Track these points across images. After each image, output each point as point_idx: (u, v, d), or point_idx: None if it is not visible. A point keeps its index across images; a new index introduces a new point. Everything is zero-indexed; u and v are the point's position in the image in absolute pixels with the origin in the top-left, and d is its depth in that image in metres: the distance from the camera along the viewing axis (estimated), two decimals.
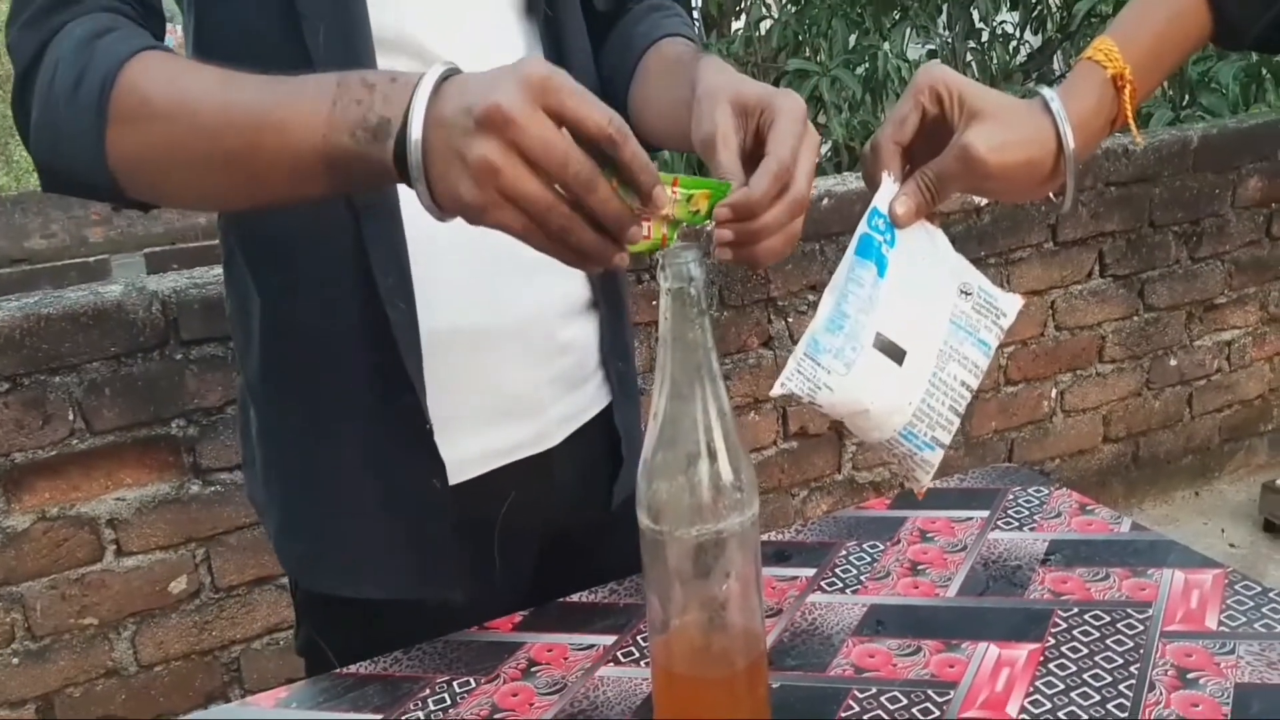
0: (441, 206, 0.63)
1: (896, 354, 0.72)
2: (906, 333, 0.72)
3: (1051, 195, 0.78)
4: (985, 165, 0.72)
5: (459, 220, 0.67)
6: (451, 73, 0.64)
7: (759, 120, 0.72)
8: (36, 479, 1.76)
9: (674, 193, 0.66)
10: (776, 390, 0.70)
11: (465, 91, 0.61)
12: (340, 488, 0.90)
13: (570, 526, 1.00)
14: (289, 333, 0.87)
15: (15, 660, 1.80)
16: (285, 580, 1.93)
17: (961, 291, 0.75)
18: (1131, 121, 0.75)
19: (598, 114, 0.60)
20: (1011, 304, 0.77)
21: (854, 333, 0.71)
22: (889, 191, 0.74)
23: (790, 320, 2.35)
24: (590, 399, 0.98)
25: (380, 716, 0.79)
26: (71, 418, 1.76)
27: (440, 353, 0.86)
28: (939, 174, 0.73)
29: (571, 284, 0.94)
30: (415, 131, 0.61)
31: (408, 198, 0.82)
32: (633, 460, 1.02)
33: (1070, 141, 0.73)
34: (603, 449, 1.01)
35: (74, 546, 1.80)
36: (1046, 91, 0.75)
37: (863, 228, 0.73)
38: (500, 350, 0.89)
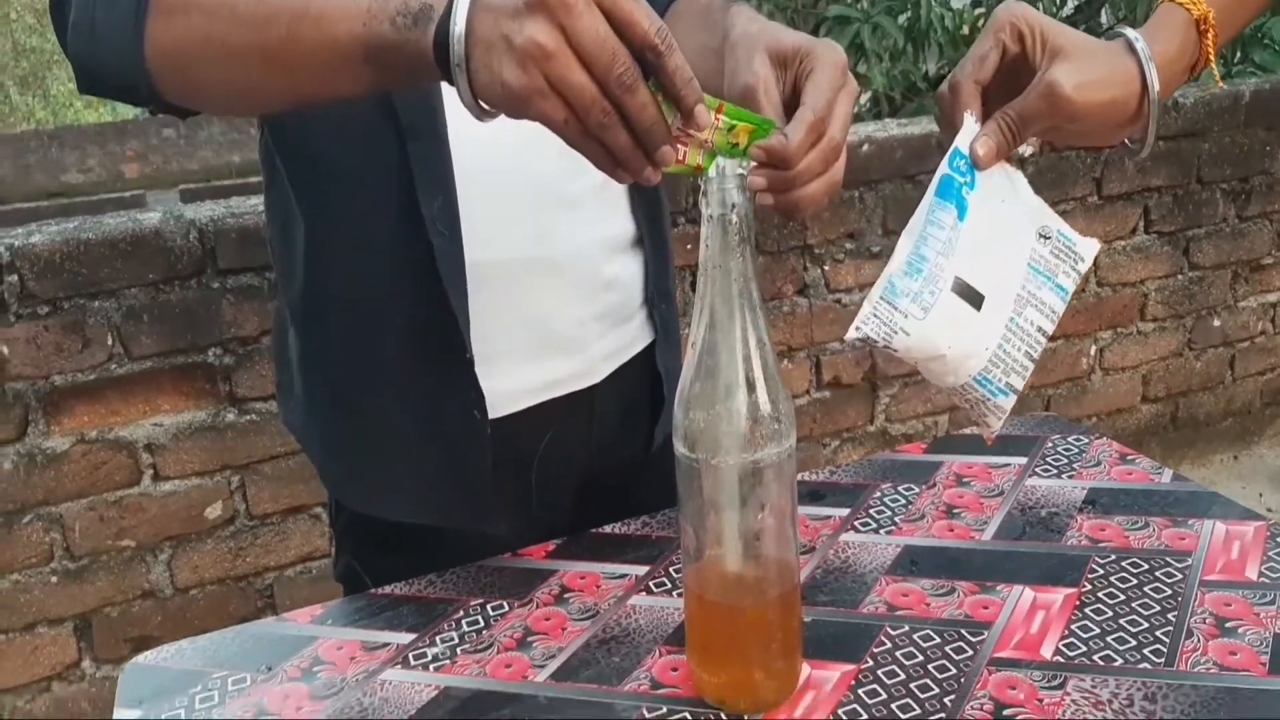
0: (481, 98, 0.60)
1: (974, 298, 0.71)
2: (985, 277, 0.71)
3: (1127, 140, 0.75)
4: (1071, 104, 0.70)
5: (506, 154, 0.65)
6: None
7: (797, 69, 0.70)
8: (76, 402, 1.79)
9: (716, 119, 0.64)
10: (851, 334, 0.70)
11: None
12: (381, 414, 0.90)
13: (609, 465, 1.00)
14: (332, 258, 0.87)
15: (54, 579, 1.84)
16: (319, 510, 1.96)
17: (1040, 235, 0.74)
18: (1214, 66, 0.73)
19: (647, 19, 0.58)
20: (1089, 249, 0.75)
21: (932, 276, 0.70)
22: (970, 132, 0.72)
23: (826, 268, 2.32)
24: (633, 337, 0.98)
25: (414, 635, 0.80)
26: (110, 343, 1.78)
27: (484, 285, 0.85)
28: (1021, 113, 0.71)
29: (617, 220, 0.93)
30: (460, 15, 0.58)
31: (455, 122, 0.82)
32: (674, 401, 1.01)
33: (1155, 82, 0.71)
34: (644, 389, 1.01)
35: (112, 470, 1.83)
36: (1130, 32, 0.72)
37: (943, 169, 0.71)
38: (544, 284, 0.88)
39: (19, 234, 1.74)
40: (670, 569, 0.86)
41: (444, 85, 0.81)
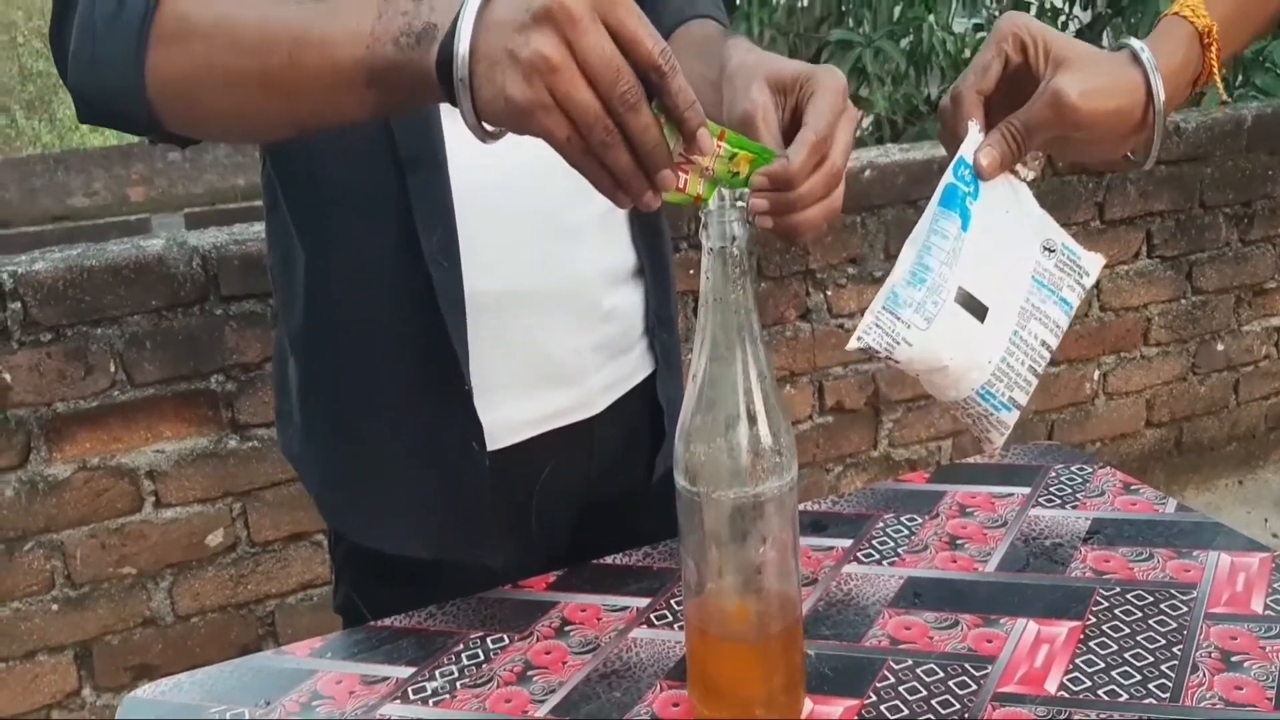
0: (484, 115, 0.59)
1: (978, 310, 0.70)
2: (989, 288, 0.71)
3: (1129, 154, 0.75)
4: (1076, 112, 0.69)
5: (507, 184, 0.64)
6: None
7: (798, 96, 0.70)
8: (78, 429, 1.79)
9: (719, 146, 0.64)
10: (853, 344, 0.69)
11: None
12: (380, 443, 0.90)
13: (609, 497, 1.00)
14: (332, 287, 0.87)
15: (54, 606, 1.83)
16: (320, 537, 1.95)
17: (1045, 248, 0.74)
18: (1218, 79, 0.73)
19: (652, 38, 0.57)
20: (1094, 263, 0.75)
21: (936, 286, 0.69)
22: (975, 141, 0.72)
23: (829, 293, 2.32)
24: (633, 368, 0.98)
25: (414, 669, 0.79)
26: (113, 369, 1.78)
27: (483, 315, 0.85)
28: (1026, 123, 0.71)
29: (618, 250, 0.93)
30: (465, 33, 0.57)
31: (455, 152, 0.82)
32: (674, 432, 1.01)
33: (1161, 92, 0.71)
34: (644, 420, 1.00)
35: (114, 497, 1.83)
36: (1135, 43, 0.72)
37: (948, 178, 0.71)
38: (544, 315, 0.88)
39: (22, 261, 1.75)
40: (672, 601, 0.86)
41: (445, 114, 0.81)
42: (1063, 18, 3.72)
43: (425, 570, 0.91)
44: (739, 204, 0.64)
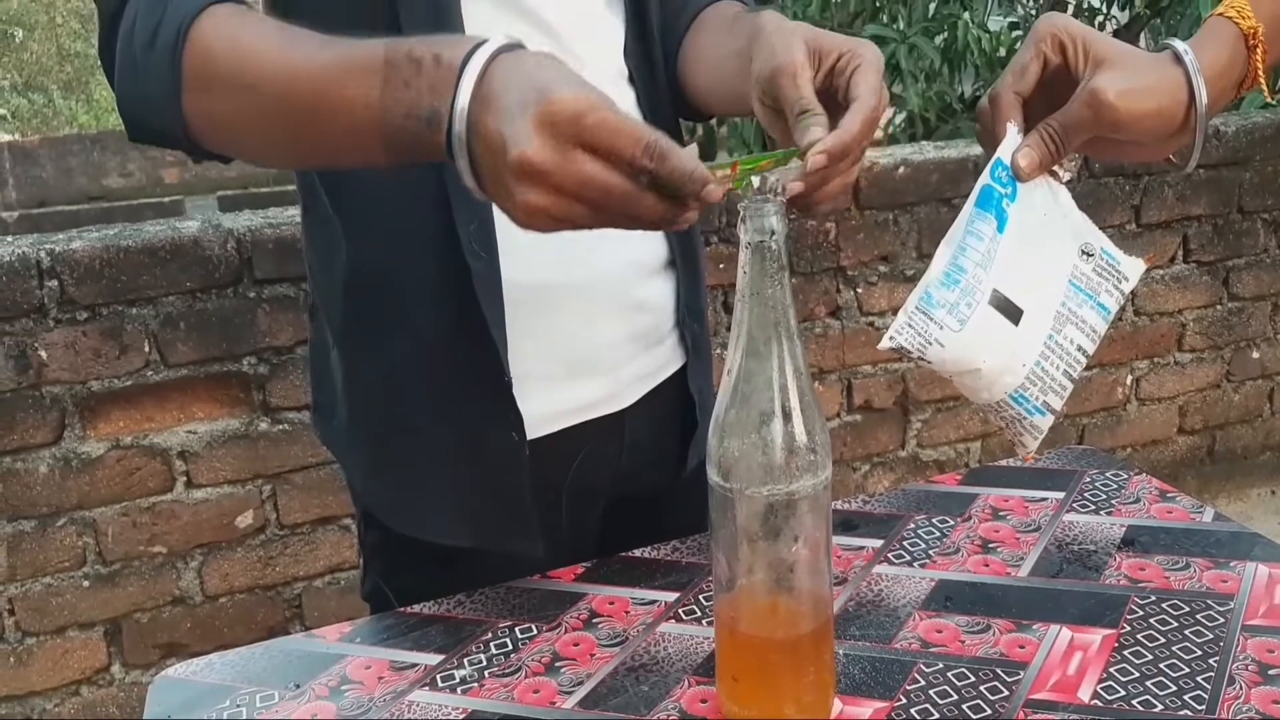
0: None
1: (1013, 313, 0.70)
2: (1024, 291, 0.70)
3: (1171, 156, 0.74)
4: (1116, 112, 0.68)
5: None
6: (499, 53, 0.62)
7: (836, 64, 0.71)
8: (111, 408, 1.80)
9: (733, 172, 0.64)
10: (884, 344, 0.69)
11: (504, 112, 0.60)
12: (423, 436, 0.90)
13: (639, 488, 1.00)
14: (375, 282, 0.88)
15: (86, 583, 1.86)
16: (348, 521, 1.96)
17: (1083, 252, 0.73)
18: (1263, 81, 0.72)
19: (628, 144, 0.59)
20: (1134, 268, 0.74)
21: (970, 288, 0.69)
22: (1013, 142, 0.71)
23: (859, 290, 2.31)
24: (665, 359, 0.97)
25: (442, 656, 0.79)
26: (147, 349, 1.80)
27: (520, 307, 0.85)
28: (1064, 124, 0.70)
29: (650, 243, 0.93)
30: (460, 154, 0.62)
31: None
32: (706, 424, 1.01)
33: (1203, 94, 0.69)
34: (676, 411, 1.00)
35: (145, 476, 1.85)
36: (1178, 44, 0.71)
37: (985, 179, 0.70)
38: (577, 306, 0.88)
39: (59, 240, 1.77)
40: (700, 597, 0.85)
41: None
42: (1100, 18, 3.68)
43: (457, 559, 0.91)
44: (777, 197, 0.64)
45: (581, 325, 0.89)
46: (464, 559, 0.91)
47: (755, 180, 0.64)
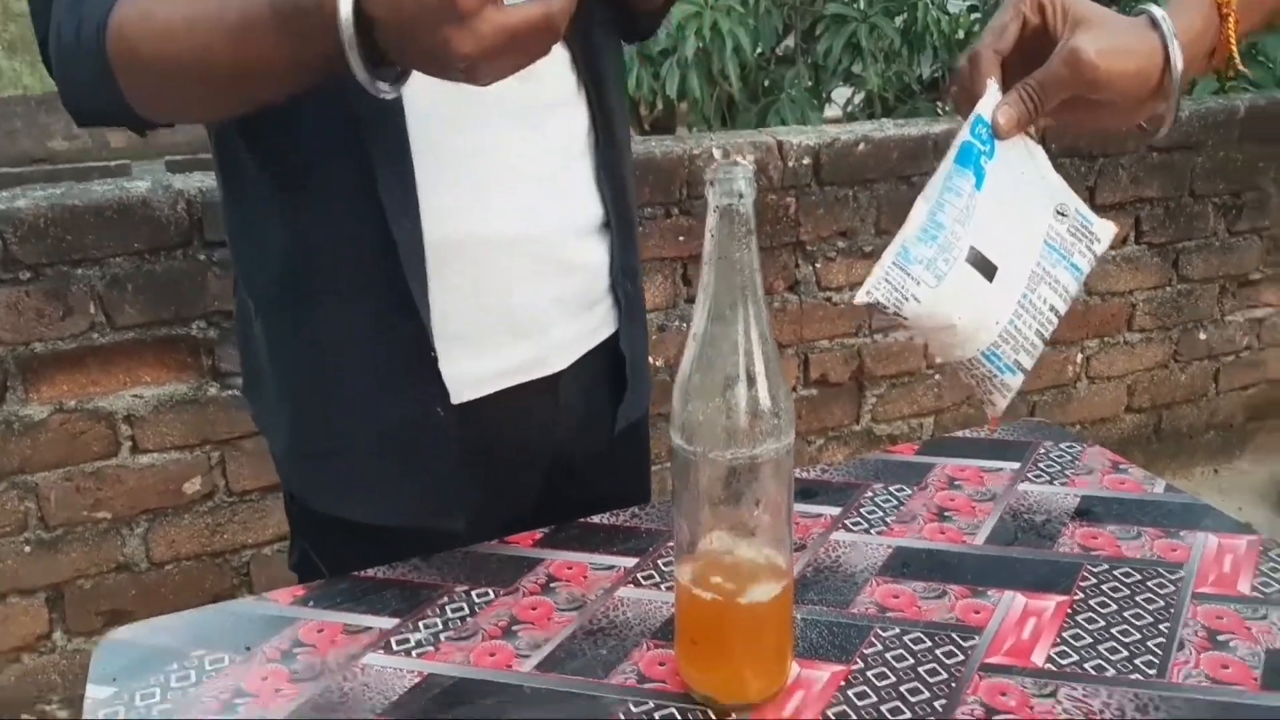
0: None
1: (988, 270, 0.70)
2: (1000, 249, 0.70)
3: (1143, 123, 0.75)
4: (1095, 70, 0.69)
5: (466, 133, 0.65)
6: None
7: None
8: (55, 370, 1.76)
9: None
10: (860, 298, 0.68)
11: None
12: (346, 411, 0.88)
13: (573, 454, 0.98)
14: (299, 247, 0.85)
15: (27, 548, 1.82)
16: None
17: (1057, 212, 0.73)
18: (1235, 50, 0.72)
19: None
20: (1106, 230, 0.74)
21: (948, 244, 0.68)
22: (993, 99, 0.71)
23: (818, 265, 2.31)
24: (599, 322, 0.96)
25: (397, 620, 0.78)
26: (93, 311, 1.75)
27: (446, 266, 0.84)
28: (1043, 82, 0.70)
29: (582, 202, 0.92)
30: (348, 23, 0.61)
31: (413, 109, 0.80)
32: (637, 385, 1.00)
33: (1179, 58, 0.70)
34: (607, 373, 0.99)
35: (90, 440, 1.81)
36: (1155, 9, 0.71)
37: (964, 135, 0.70)
38: (507, 265, 0.87)
39: (4, 198, 1.71)
40: (659, 562, 0.85)
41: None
42: None
43: (384, 532, 0.89)
44: (745, 162, 0.63)
45: (511, 285, 0.88)
46: (392, 534, 0.89)
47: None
